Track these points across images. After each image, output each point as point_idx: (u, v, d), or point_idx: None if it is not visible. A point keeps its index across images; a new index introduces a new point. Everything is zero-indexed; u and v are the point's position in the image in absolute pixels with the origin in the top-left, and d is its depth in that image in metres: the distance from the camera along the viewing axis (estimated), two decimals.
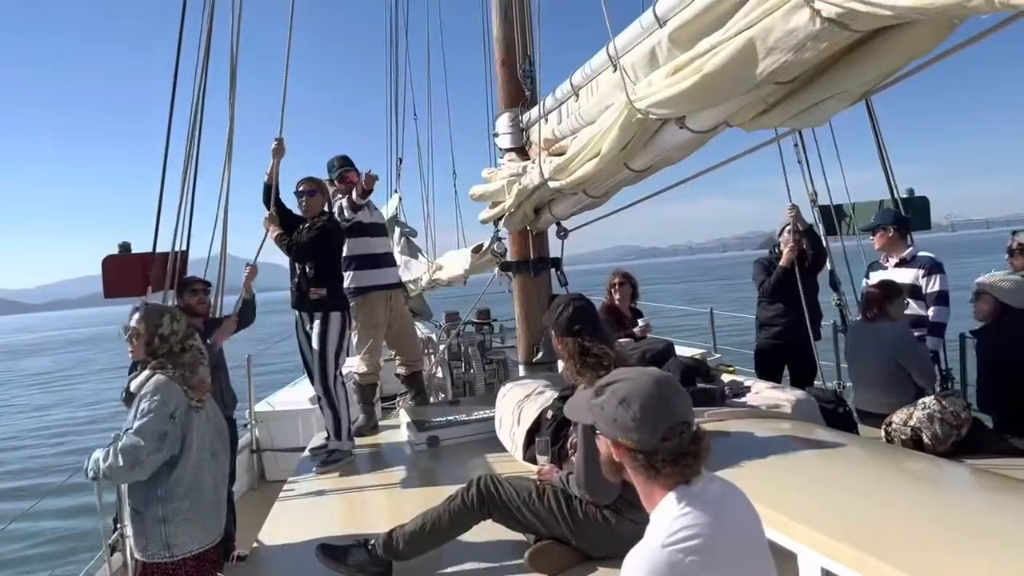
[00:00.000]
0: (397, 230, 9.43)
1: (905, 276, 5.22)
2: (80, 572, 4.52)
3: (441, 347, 7.74)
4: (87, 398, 26.06)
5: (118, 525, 4.00)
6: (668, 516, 1.55)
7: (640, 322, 5.74)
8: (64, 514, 10.42)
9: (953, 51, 2.27)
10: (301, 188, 5.16)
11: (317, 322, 4.98)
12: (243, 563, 4.09)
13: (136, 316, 3.35)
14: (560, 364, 4.84)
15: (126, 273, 4.93)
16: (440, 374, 7.69)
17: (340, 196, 5.75)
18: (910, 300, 5.08)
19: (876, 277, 5.38)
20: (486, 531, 3.11)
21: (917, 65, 2.37)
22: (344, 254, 5.49)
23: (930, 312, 5.16)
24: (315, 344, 4.98)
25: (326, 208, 5.22)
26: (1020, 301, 4.22)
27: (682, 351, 5.88)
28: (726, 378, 4.43)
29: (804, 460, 2.85)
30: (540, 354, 5.55)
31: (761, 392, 4.06)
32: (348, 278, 5.69)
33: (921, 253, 5.42)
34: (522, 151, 5.30)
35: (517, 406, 4.26)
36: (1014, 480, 2.75)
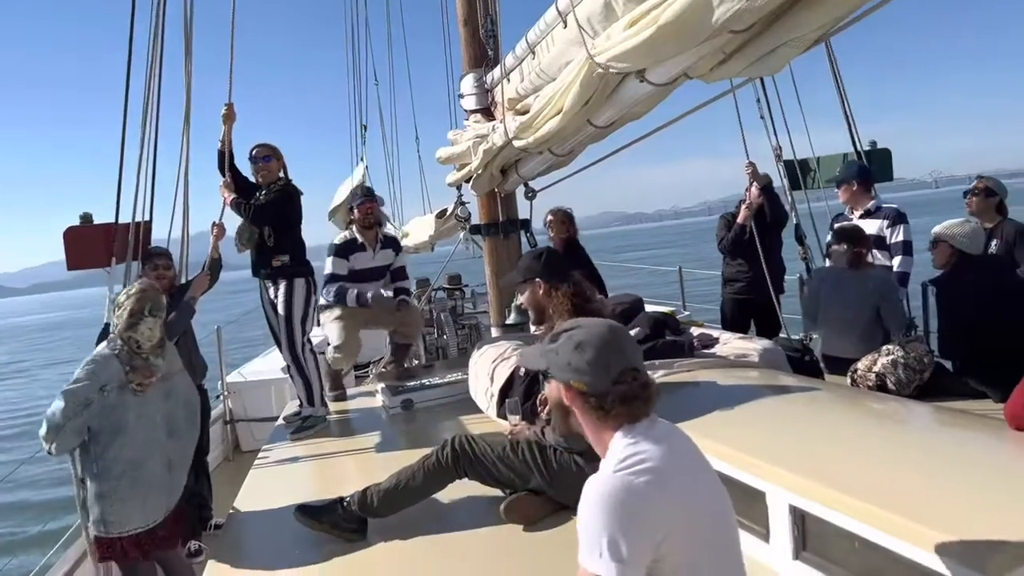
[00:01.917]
0: None
1: (870, 227, 5.27)
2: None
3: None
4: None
5: None
6: (618, 447, 1.61)
7: None
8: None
9: None
10: (255, 153, 5.06)
11: (282, 289, 4.94)
12: (219, 531, 4.11)
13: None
14: (532, 327, 4.88)
15: (88, 244, 4.85)
16: None
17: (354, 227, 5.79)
18: (875, 250, 5.15)
19: None
20: (461, 487, 3.14)
21: (866, 8, 2.39)
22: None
23: (895, 262, 5.22)
24: (280, 311, 4.93)
25: (283, 174, 5.13)
26: (975, 248, 4.30)
27: (652, 308, 5.93)
28: (695, 331, 4.48)
29: (772, 405, 2.90)
30: (512, 316, 5.57)
31: (729, 343, 4.12)
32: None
33: (885, 204, 5.48)
34: (487, 112, 5.27)
35: (491, 366, 4.28)
36: (974, 416, 2.84)
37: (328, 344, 5.73)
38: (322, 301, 5.73)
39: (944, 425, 2.74)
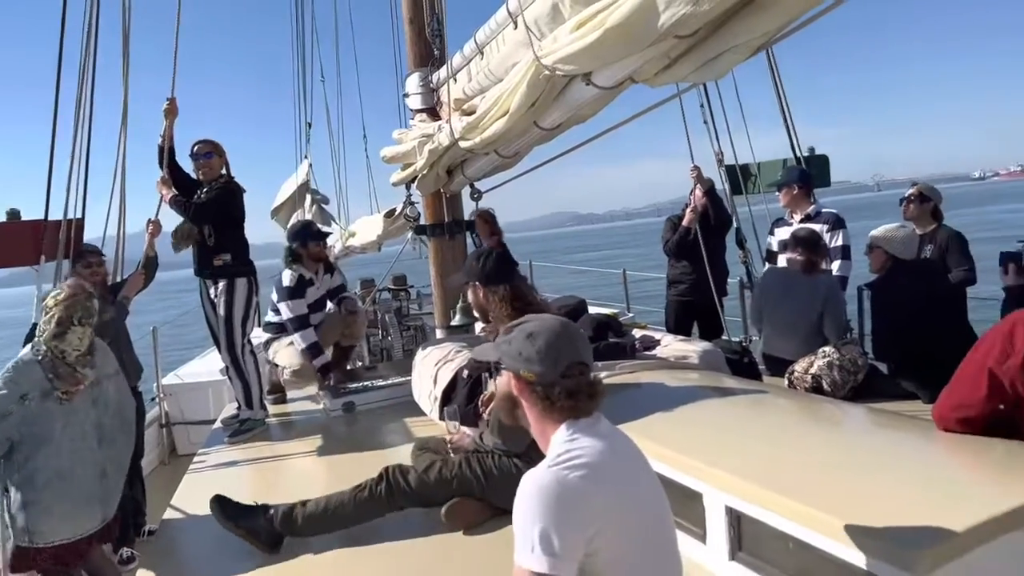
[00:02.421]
0: (308, 197, 9.23)
1: None
2: None
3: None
4: None
5: None
6: (557, 442, 1.64)
7: None
8: None
9: (841, 2, 2.34)
10: (196, 149, 4.93)
11: (222, 289, 4.82)
12: (153, 537, 4.00)
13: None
14: (478, 327, 4.85)
15: (15, 241, 4.66)
16: None
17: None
18: None
19: (780, 234, 5.57)
20: None
21: (808, 17, 2.44)
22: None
23: (834, 266, 5.34)
24: (220, 311, 4.82)
25: (225, 171, 5.01)
26: (909, 253, 4.42)
27: (596, 310, 5.97)
28: (637, 332, 4.52)
29: (709, 406, 2.94)
30: (457, 317, 5.54)
31: (670, 345, 4.16)
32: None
33: (825, 209, 5.61)
34: (433, 112, 5.23)
35: (434, 368, 4.24)
36: (906, 417, 2.91)
37: (277, 365, 5.65)
38: (267, 337, 5.68)
39: (875, 426, 2.80)
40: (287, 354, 5.56)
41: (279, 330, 5.66)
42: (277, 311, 5.57)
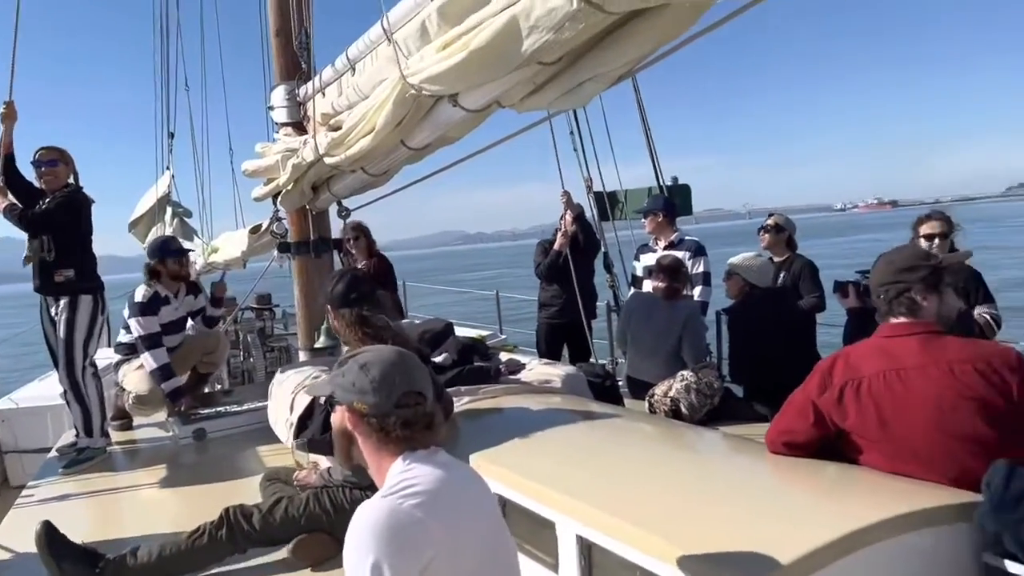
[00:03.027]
0: (169, 210, 8.76)
1: None
2: None
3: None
4: None
5: None
6: (392, 474, 1.59)
7: None
8: None
9: (701, 34, 2.43)
10: (38, 157, 4.57)
11: (64, 306, 4.46)
12: None
13: None
14: (344, 348, 4.69)
15: None
16: None
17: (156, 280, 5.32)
18: None
19: (645, 259, 5.74)
20: None
21: (668, 48, 2.50)
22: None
23: (696, 292, 5.55)
24: (61, 331, 4.45)
25: (72, 180, 4.65)
26: (764, 281, 4.64)
27: (467, 332, 5.93)
28: (504, 356, 4.51)
29: (566, 432, 2.94)
30: (321, 339, 5.36)
31: (535, 369, 4.17)
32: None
33: (687, 237, 5.82)
34: (300, 126, 5.05)
35: (292, 393, 4.06)
36: (756, 443, 3.01)
37: (125, 390, 5.28)
38: (118, 358, 5.34)
39: (727, 452, 2.88)
40: (135, 378, 5.20)
41: (130, 351, 5.30)
42: (129, 330, 5.22)
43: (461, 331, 5.59)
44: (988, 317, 4.15)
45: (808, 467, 2.39)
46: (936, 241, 4.10)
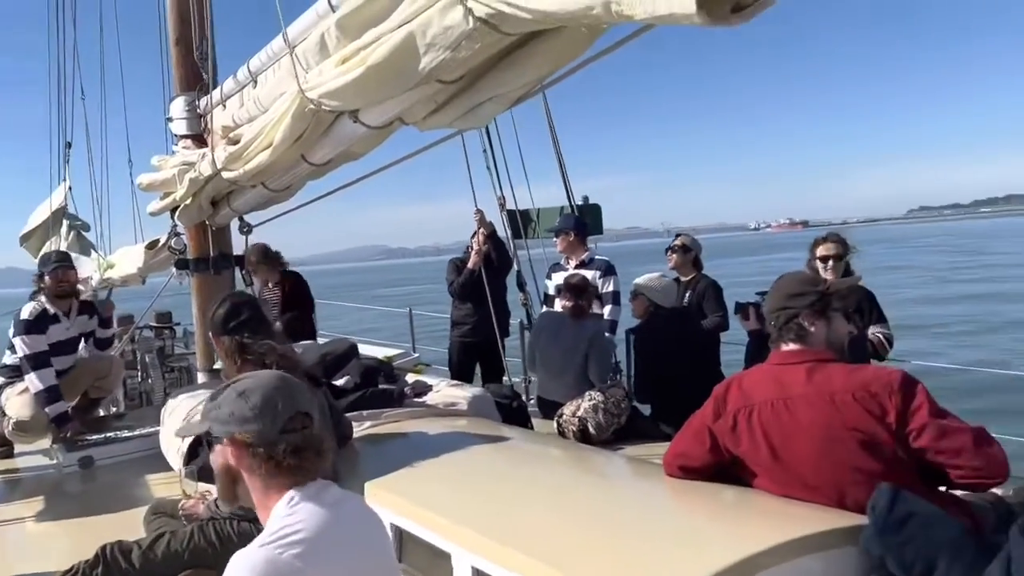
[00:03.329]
0: (65, 223, 8.31)
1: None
2: None
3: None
4: None
5: None
6: (275, 518, 1.50)
7: None
8: None
9: (597, 57, 2.42)
10: None
11: None
12: None
13: None
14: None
15: None
16: None
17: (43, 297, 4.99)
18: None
19: (557, 278, 5.75)
20: None
21: (566, 70, 2.49)
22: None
23: (606, 310, 5.59)
24: None
25: None
26: (668, 301, 4.70)
27: (377, 352, 5.80)
28: (410, 378, 4.40)
29: (468, 458, 2.88)
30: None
31: (442, 391, 4.09)
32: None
33: (598, 256, 5.87)
34: (200, 138, 4.86)
35: (183, 419, 3.87)
36: (657, 466, 3.01)
37: (5, 415, 4.94)
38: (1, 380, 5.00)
39: (630, 476, 2.89)
40: (18, 403, 4.86)
41: (15, 373, 4.96)
42: (14, 350, 4.89)
43: (372, 350, 5.47)
44: (881, 336, 4.31)
45: (706, 491, 2.40)
46: (831, 263, 4.23)
